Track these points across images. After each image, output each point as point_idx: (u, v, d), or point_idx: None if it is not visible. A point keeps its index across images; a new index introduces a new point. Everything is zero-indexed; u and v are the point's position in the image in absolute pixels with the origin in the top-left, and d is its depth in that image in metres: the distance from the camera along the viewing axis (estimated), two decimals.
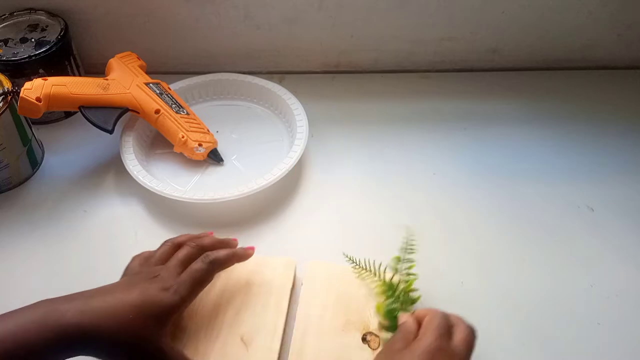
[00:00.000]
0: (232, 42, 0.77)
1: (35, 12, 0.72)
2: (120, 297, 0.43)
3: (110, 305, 0.42)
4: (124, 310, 0.42)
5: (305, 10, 0.74)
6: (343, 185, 0.66)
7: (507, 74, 0.81)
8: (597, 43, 0.79)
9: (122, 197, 0.65)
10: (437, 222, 0.62)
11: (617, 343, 0.53)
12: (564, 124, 0.74)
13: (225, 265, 0.50)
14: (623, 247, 0.60)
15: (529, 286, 0.57)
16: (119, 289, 0.44)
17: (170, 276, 0.46)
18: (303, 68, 0.81)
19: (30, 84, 0.61)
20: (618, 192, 0.66)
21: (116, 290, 0.44)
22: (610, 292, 0.56)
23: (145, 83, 0.68)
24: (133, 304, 0.42)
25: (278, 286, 0.54)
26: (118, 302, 0.42)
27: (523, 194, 0.65)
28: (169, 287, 0.45)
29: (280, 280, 0.54)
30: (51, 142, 0.71)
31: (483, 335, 0.52)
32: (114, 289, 0.44)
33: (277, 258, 0.56)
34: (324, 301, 0.53)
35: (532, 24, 0.76)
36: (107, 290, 0.44)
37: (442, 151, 0.70)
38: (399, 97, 0.78)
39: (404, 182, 0.66)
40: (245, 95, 0.75)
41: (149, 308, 0.43)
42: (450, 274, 0.57)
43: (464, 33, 0.77)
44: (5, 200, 0.64)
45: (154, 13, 0.74)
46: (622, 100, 0.77)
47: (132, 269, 0.49)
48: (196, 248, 0.49)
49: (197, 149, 0.66)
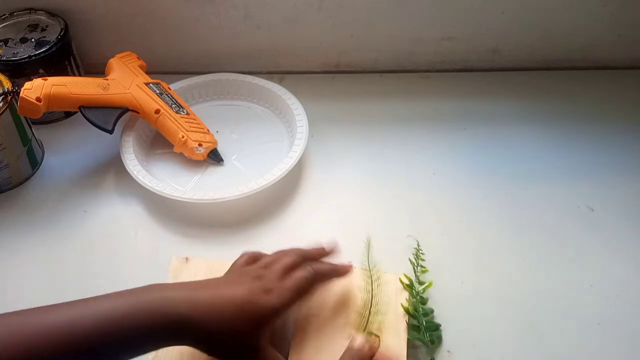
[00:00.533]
0: (232, 42, 0.77)
1: (35, 12, 0.72)
2: (226, 293, 0.43)
3: (217, 300, 0.43)
4: (229, 306, 0.42)
5: (305, 10, 0.74)
6: (343, 185, 0.66)
7: (507, 74, 0.81)
8: (597, 43, 0.79)
9: (122, 197, 0.65)
10: (437, 222, 0.62)
11: (617, 343, 0.53)
12: (564, 124, 0.74)
13: (326, 278, 0.50)
14: (623, 247, 0.60)
15: (529, 286, 0.57)
16: (225, 285, 0.45)
17: (274, 279, 0.46)
18: (303, 68, 0.81)
19: (30, 84, 0.61)
20: (618, 192, 0.66)
21: (222, 286, 0.45)
22: (610, 292, 0.56)
23: (145, 83, 0.68)
24: (237, 302, 0.43)
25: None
26: (224, 298, 0.43)
27: (523, 194, 0.65)
28: (272, 290, 0.45)
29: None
30: (51, 142, 0.71)
31: (483, 334, 0.52)
32: (220, 284, 0.45)
33: None
34: (322, 303, 0.52)
35: (532, 24, 0.76)
36: (213, 285, 0.45)
37: (442, 151, 0.70)
38: (399, 97, 0.78)
39: (404, 182, 0.66)
40: (245, 95, 0.75)
41: (251, 308, 0.43)
42: (450, 274, 0.57)
43: (464, 33, 0.77)
44: (5, 200, 0.64)
45: (154, 13, 0.74)
46: (622, 100, 0.77)
47: (239, 266, 0.50)
48: (302, 257, 0.50)
49: (197, 149, 0.66)
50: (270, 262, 0.49)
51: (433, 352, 0.51)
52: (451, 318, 0.53)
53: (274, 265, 0.48)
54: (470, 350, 0.51)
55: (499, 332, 0.53)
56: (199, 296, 0.42)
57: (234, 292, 0.44)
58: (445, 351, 0.51)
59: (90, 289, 0.56)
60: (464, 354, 0.51)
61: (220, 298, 0.43)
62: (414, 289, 0.54)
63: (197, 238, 0.60)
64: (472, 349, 0.52)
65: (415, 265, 0.56)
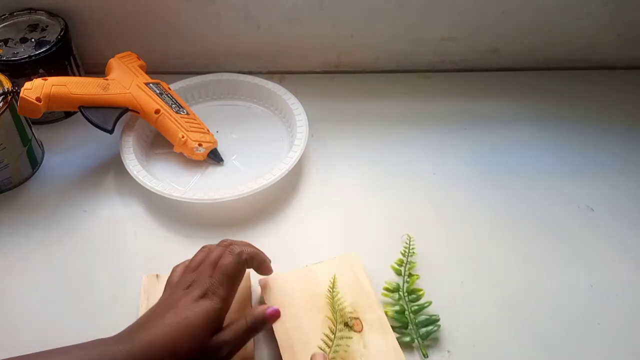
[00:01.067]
0: (232, 42, 0.77)
1: (35, 12, 0.72)
2: (162, 323, 0.42)
3: (155, 335, 0.42)
4: (169, 335, 0.42)
5: (305, 10, 0.74)
6: (343, 185, 0.66)
7: (507, 74, 0.81)
8: (597, 43, 0.79)
9: (122, 197, 0.65)
10: (436, 221, 0.62)
11: (617, 343, 0.53)
12: (564, 124, 0.74)
13: (253, 261, 0.50)
14: (623, 247, 0.60)
15: (529, 286, 0.57)
16: (159, 313, 0.44)
17: (204, 280, 0.45)
18: (303, 68, 0.81)
19: (30, 84, 0.61)
20: (618, 192, 0.66)
21: (157, 316, 0.44)
22: (610, 292, 0.56)
23: (145, 83, 0.68)
24: (176, 326, 0.42)
25: (236, 298, 0.52)
26: (161, 329, 0.42)
27: (523, 193, 0.65)
28: (207, 292, 0.44)
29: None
30: (51, 142, 0.71)
31: (483, 334, 0.52)
32: (155, 314, 0.44)
33: None
34: (295, 309, 0.52)
35: (532, 24, 0.76)
36: (149, 318, 0.44)
37: (442, 151, 0.70)
38: (399, 97, 0.78)
39: (403, 182, 0.66)
40: (245, 95, 0.75)
41: (193, 322, 0.42)
42: (450, 273, 0.57)
43: (464, 33, 0.77)
44: (5, 200, 0.64)
45: (154, 13, 0.74)
46: (622, 100, 0.77)
47: (172, 282, 0.49)
48: (225, 246, 0.49)
49: (197, 149, 0.66)
50: (198, 263, 0.48)
51: (423, 348, 0.51)
52: (451, 318, 0.53)
53: (202, 265, 0.47)
54: (470, 350, 0.51)
55: (499, 332, 0.53)
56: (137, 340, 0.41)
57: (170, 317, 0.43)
58: (445, 351, 0.51)
59: (90, 288, 0.56)
60: (464, 354, 0.51)
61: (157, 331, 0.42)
62: (401, 289, 0.55)
63: (197, 238, 0.60)
64: (472, 349, 0.52)
65: (405, 263, 0.57)
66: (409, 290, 0.55)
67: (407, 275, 0.56)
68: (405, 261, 0.57)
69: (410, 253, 0.58)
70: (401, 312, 0.53)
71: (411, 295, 0.54)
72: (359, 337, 0.50)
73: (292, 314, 0.51)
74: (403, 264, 0.57)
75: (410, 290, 0.55)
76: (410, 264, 0.57)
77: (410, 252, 0.58)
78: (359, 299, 0.53)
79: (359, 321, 0.51)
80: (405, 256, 0.57)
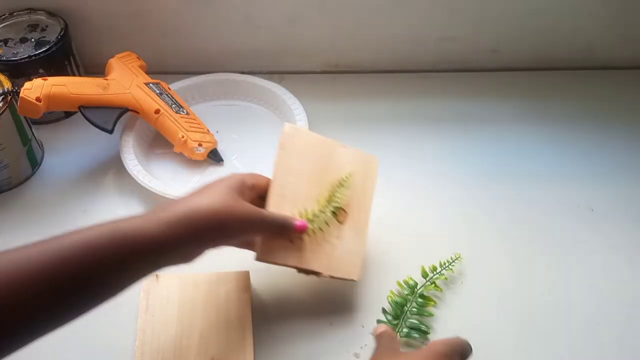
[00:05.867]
0: (232, 42, 0.77)
1: (35, 12, 0.72)
2: (191, 197, 0.45)
3: (189, 202, 0.44)
4: (204, 199, 0.44)
5: (305, 10, 0.74)
6: None
7: (507, 74, 0.81)
8: (597, 43, 0.79)
9: (122, 197, 0.65)
10: (436, 221, 0.62)
11: (617, 343, 0.53)
12: (565, 124, 0.74)
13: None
14: (623, 247, 0.60)
15: (529, 286, 0.57)
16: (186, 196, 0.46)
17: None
18: (303, 68, 0.81)
19: (30, 84, 0.61)
20: (618, 192, 0.66)
21: (183, 199, 0.45)
22: (610, 292, 0.56)
23: (145, 83, 0.68)
24: (204, 195, 0.45)
25: (236, 300, 0.53)
26: (194, 198, 0.44)
27: (523, 193, 0.65)
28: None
29: (236, 294, 0.53)
30: (51, 142, 0.71)
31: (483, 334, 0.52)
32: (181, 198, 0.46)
33: (229, 272, 0.55)
34: (304, 167, 0.53)
35: (532, 24, 0.76)
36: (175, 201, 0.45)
37: (442, 151, 0.70)
38: (399, 97, 0.78)
39: (403, 182, 0.66)
40: (245, 95, 0.75)
41: (216, 186, 0.45)
42: (449, 273, 0.57)
43: (464, 33, 0.77)
44: (5, 200, 0.64)
45: (154, 13, 0.74)
46: (622, 100, 0.77)
47: None
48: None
49: (197, 149, 0.66)
50: None
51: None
52: (450, 318, 0.53)
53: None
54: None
55: (499, 331, 0.53)
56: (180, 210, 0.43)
57: (196, 195, 0.45)
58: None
59: None
60: None
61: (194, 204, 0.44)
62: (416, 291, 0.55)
63: None
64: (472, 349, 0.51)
65: (437, 271, 0.56)
66: (422, 295, 0.54)
67: (431, 282, 0.55)
68: (439, 270, 0.56)
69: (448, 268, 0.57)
70: (401, 305, 0.53)
71: (419, 300, 0.54)
72: (337, 227, 0.52)
73: (299, 171, 0.52)
74: (435, 271, 0.56)
75: (423, 294, 0.54)
76: (439, 275, 0.56)
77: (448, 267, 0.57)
78: (357, 197, 0.54)
79: (345, 214, 0.52)
80: (442, 267, 0.57)
